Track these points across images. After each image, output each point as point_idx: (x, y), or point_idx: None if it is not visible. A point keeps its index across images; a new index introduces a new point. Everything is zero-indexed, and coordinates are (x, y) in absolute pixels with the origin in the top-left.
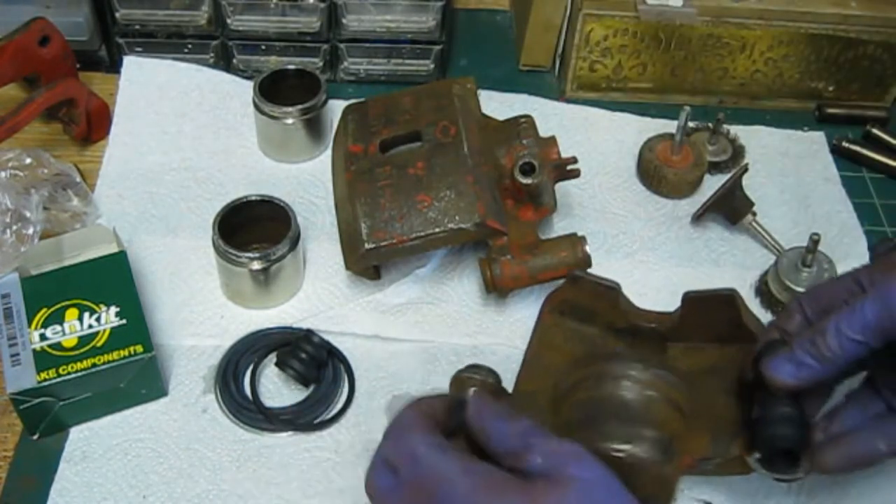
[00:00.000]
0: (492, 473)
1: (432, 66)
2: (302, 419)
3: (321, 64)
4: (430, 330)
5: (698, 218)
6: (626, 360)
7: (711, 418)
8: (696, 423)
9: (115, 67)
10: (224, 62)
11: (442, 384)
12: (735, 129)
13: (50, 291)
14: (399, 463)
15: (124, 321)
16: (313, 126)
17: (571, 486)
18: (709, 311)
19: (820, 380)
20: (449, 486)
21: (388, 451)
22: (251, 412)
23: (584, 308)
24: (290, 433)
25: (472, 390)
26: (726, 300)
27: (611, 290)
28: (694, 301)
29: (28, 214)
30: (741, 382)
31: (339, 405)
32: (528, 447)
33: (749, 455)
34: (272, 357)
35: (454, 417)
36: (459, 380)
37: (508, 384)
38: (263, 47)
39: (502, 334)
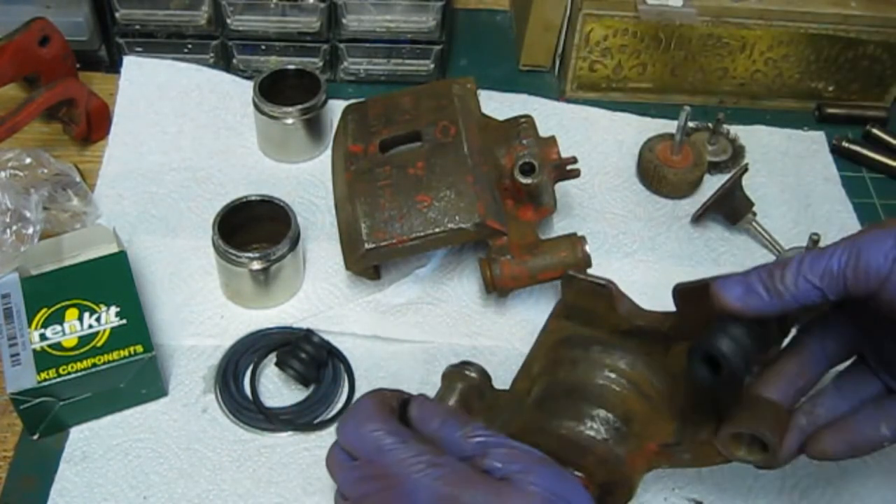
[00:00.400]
0: (457, 466)
1: (432, 66)
2: (302, 419)
3: (321, 64)
4: (430, 331)
5: (698, 218)
6: (590, 343)
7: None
8: (665, 411)
9: (115, 67)
10: (224, 62)
11: None
12: (735, 129)
13: (50, 291)
14: (360, 450)
15: (124, 321)
16: (313, 126)
17: (534, 492)
18: (703, 303)
19: (764, 314)
20: (415, 477)
21: (349, 439)
22: (251, 412)
23: (586, 311)
24: (290, 433)
25: (415, 398)
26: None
27: (604, 289)
28: (685, 294)
29: (28, 214)
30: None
31: (339, 405)
32: (483, 452)
33: (718, 439)
34: (272, 357)
35: (403, 417)
36: (449, 375)
37: (507, 385)
38: (263, 47)
39: (502, 336)
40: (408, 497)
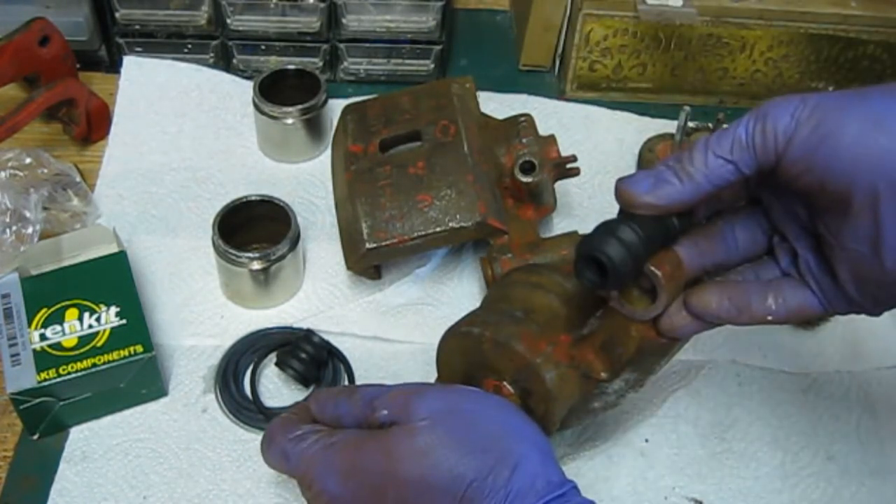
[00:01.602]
0: (348, 437)
1: (432, 66)
2: None
3: (321, 64)
4: (431, 333)
5: None
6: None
7: None
8: (584, 308)
9: (115, 67)
10: (224, 62)
11: None
12: None
13: (50, 291)
14: (282, 469)
15: (124, 321)
16: (313, 126)
17: (419, 426)
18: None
19: (677, 203)
20: (318, 466)
21: (267, 461)
22: (251, 412)
23: None
24: None
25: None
26: None
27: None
28: None
29: (28, 214)
30: None
31: None
32: (373, 407)
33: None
34: (272, 357)
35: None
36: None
37: None
38: (263, 47)
39: None
40: (323, 485)
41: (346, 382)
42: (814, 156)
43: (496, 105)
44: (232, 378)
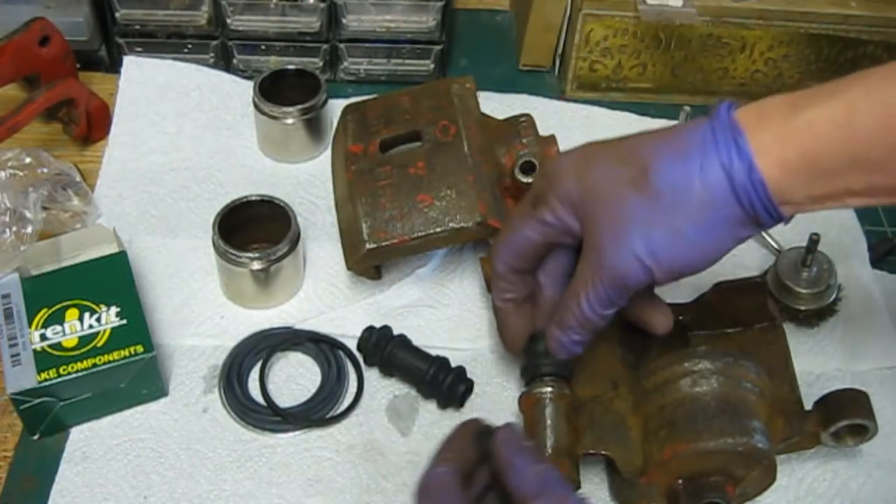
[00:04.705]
0: None
1: (432, 66)
2: (312, 416)
3: (321, 64)
4: (432, 335)
5: None
6: (710, 356)
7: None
8: (774, 407)
9: (115, 67)
10: (224, 62)
11: None
12: None
13: (50, 291)
14: None
15: (124, 321)
16: (313, 126)
17: None
18: (736, 298)
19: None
20: None
21: None
22: (258, 413)
23: None
24: (291, 433)
25: (504, 424)
26: (756, 287)
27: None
28: (723, 290)
29: (27, 214)
30: None
31: (345, 405)
32: (540, 494)
33: (825, 430)
34: (277, 356)
35: (480, 444)
36: (531, 398)
37: (510, 378)
38: (263, 47)
39: None
40: None
41: (356, 382)
42: None
43: (496, 105)
44: (236, 380)
